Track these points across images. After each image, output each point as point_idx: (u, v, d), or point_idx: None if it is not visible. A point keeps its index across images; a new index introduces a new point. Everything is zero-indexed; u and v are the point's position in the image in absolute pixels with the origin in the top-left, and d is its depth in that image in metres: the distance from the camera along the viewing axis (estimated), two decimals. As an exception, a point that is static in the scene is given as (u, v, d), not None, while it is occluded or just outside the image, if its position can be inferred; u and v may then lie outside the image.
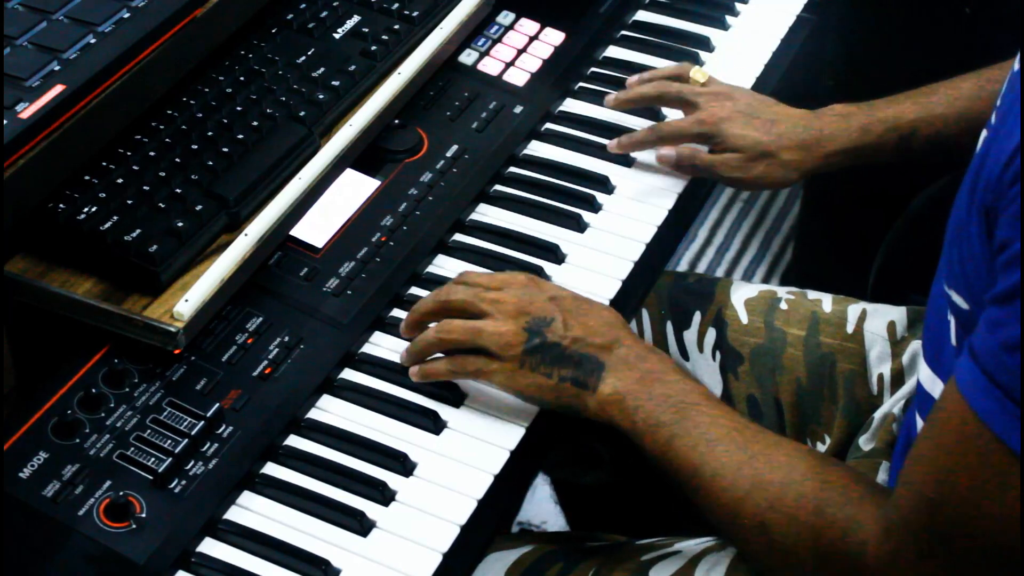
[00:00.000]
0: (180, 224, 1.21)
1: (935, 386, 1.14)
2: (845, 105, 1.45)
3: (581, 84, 1.58)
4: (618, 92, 1.51)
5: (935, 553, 0.98)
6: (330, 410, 1.22)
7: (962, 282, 1.03)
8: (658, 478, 1.18)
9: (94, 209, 1.21)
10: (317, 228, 1.33)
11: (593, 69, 1.60)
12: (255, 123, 1.31)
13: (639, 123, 1.51)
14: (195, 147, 1.28)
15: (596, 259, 1.38)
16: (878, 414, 1.36)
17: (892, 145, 1.42)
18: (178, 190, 1.24)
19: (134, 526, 1.09)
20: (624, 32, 1.66)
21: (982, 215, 0.98)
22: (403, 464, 1.18)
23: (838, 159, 1.43)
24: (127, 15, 1.24)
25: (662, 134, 1.46)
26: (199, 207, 1.23)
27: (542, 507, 2.19)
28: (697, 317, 1.49)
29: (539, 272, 1.35)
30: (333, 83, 1.37)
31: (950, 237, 1.08)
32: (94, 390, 1.16)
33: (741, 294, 1.50)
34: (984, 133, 1.08)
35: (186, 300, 1.18)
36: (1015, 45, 1.10)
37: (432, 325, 1.23)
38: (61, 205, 1.20)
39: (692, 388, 1.18)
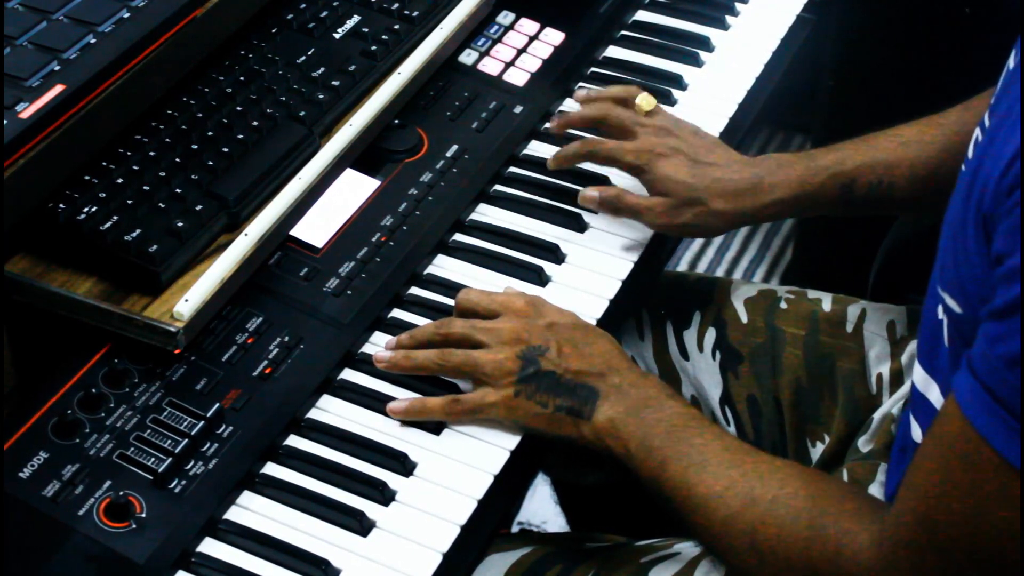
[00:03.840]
0: (180, 224, 1.21)
1: (929, 387, 1.14)
2: (785, 154, 1.40)
3: (581, 84, 1.58)
4: (559, 118, 1.46)
5: (931, 567, 0.98)
6: (330, 410, 1.22)
7: (956, 286, 1.02)
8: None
9: (94, 209, 1.21)
10: (317, 228, 1.33)
11: (593, 69, 1.60)
12: (255, 123, 1.31)
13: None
14: (195, 147, 1.28)
15: (596, 259, 1.38)
16: (877, 415, 1.36)
17: (835, 194, 1.36)
18: (178, 190, 1.24)
19: (134, 526, 1.09)
20: (624, 32, 1.66)
21: (979, 221, 0.97)
22: (403, 464, 1.18)
23: (775, 209, 1.37)
24: (127, 15, 1.24)
25: (595, 152, 1.41)
26: (199, 207, 1.23)
27: (542, 507, 2.19)
28: (697, 317, 1.49)
29: (539, 272, 1.35)
30: (333, 83, 1.37)
31: (945, 240, 1.07)
32: (94, 390, 1.16)
33: (741, 293, 1.50)
34: (977, 135, 1.08)
35: (186, 300, 1.18)
36: (1015, 45, 1.09)
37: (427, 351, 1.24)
38: (61, 205, 1.20)
39: (685, 412, 1.19)
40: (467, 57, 1.55)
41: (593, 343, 1.23)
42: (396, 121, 1.44)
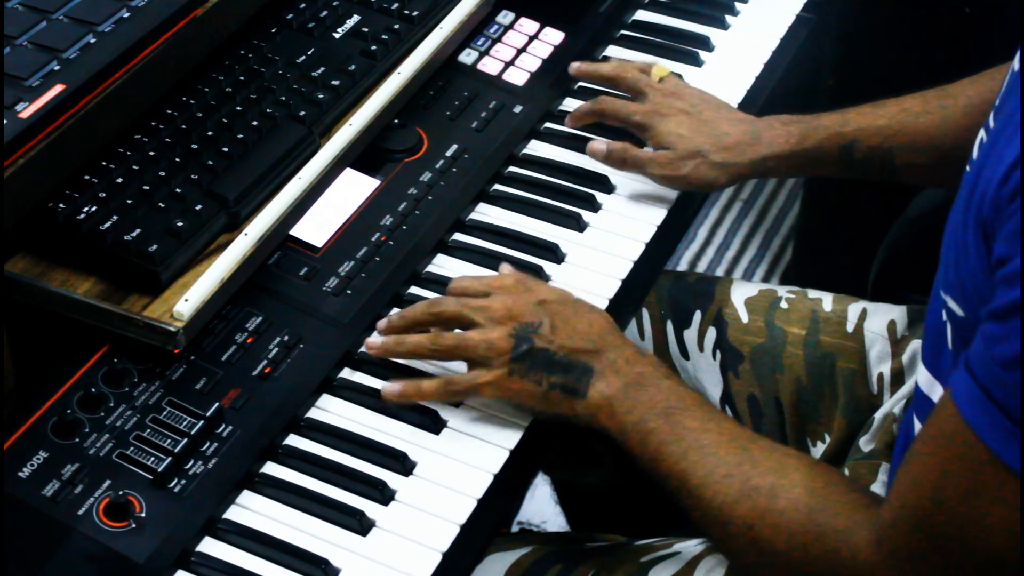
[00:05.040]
0: (180, 224, 1.21)
1: (933, 388, 1.13)
2: (790, 116, 1.44)
3: (581, 84, 1.58)
4: (582, 63, 1.53)
5: (927, 564, 0.97)
6: (330, 410, 1.22)
7: (958, 290, 1.02)
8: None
9: (94, 209, 1.21)
10: (317, 228, 1.33)
11: (593, 69, 1.60)
12: (255, 123, 1.31)
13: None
14: (195, 147, 1.28)
15: (596, 259, 1.38)
16: (878, 414, 1.36)
17: (834, 155, 1.40)
18: (178, 190, 1.24)
19: (134, 525, 1.09)
20: (624, 32, 1.66)
21: (979, 227, 0.97)
22: (403, 464, 1.18)
23: (773, 164, 1.41)
24: (127, 15, 1.24)
25: (604, 109, 1.47)
26: (199, 207, 1.23)
27: (542, 507, 2.19)
28: (697, 316, 1.49)
29: (539, 272, 1.35)
30: (333, 83, 1.37)
31: (947, 244, 1.07)
32: (94, 390, 1.16)
33: (741, 293, 1.50)
34: (981, 136, 1.08)
35: (186, 300, 1.18)
36: (1015, 45, 1.09)
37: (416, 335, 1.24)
38: (61, 205, 1.20)
39: (683, 393, 1.18)
40: (467, 57, 1.55)
41: (586, 318, 1.22)
42: (396, 121, 1.44)
